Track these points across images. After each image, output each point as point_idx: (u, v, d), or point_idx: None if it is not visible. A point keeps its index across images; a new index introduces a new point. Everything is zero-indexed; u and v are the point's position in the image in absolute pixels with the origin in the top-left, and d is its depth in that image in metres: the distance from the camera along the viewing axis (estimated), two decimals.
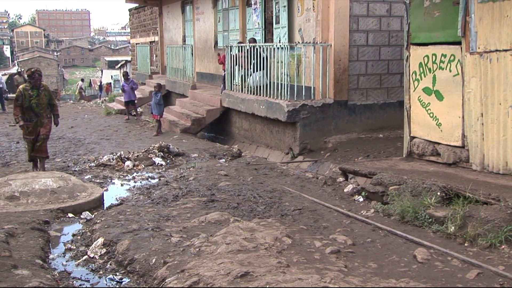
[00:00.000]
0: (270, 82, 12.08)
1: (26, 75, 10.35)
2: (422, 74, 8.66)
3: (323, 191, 8.32)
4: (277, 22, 13.89)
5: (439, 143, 8.43)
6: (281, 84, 11.64)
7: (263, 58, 12.55)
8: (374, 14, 11.83)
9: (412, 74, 8.90)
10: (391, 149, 10.22)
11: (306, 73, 11.68)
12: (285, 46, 11.72)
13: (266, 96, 12.15)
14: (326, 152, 10.96)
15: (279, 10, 13.69)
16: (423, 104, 8.66)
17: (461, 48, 7.90)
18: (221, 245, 5.58)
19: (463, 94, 7.91)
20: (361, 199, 7.77)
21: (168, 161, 11.34)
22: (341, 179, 8.82)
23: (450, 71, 8.11)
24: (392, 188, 7.29)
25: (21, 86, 9.99)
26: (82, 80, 51.28)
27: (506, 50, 7.23)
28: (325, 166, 9.94)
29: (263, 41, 14.72)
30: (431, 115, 8.51)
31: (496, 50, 7.36)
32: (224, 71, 16.16)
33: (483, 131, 7.64)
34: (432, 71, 8.46)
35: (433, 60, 8.41)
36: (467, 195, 6.51)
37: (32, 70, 9.99)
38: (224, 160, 11.60)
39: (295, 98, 11.44)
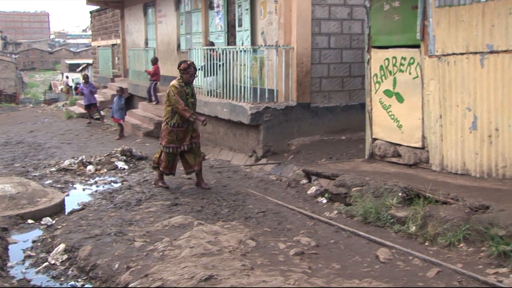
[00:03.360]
0: (233, 85, 12.08)
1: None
2: (383, 77, 8.79)
3: (287, 193, 8.36)
4: (240, 25, 13.90)
5: (400, 145, 8.57)
6: (244, 87, 11.65)
7: (219, 64, 12.59)
8: (335, 18, 11.95)
9: (373, 77, 9.03)
10: (353, 151, 10.34)
11: (269, 76, 11.72)
12: (248, 49, 11.74)
13: (229, 99, 12.14)
14: (289, 154, 11.02)
15: (241, 13, 13.71)
16: (384, 106, 8.80)
17: (420, 51, 8.05)
18: (185, 249, 5.56)
19: (423, 96, 8.07)
20: (325, 201, 7.84)
21: (131, 165, 11.23)
22: (304, 181, 8.88)
23: (410, 73, 8.26)
24: (355, 189, 7.38)
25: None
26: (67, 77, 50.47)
27: (462, 54, 7.41)
28: (289, 169, 9.99)
29: (226, 44, 14.71)
30: (392, 117, 8.65)
31: (453, 54, 7.53)
32: (152, 81, 16.34)
33: (442, 132, 7.80)
34: (392, 74, 8.59)
35: (394, 63, 8.55)
36: (427, 195, 6.64)
37: (188, 63, 8.69)
38: None
39: (258, 101, 11.46)
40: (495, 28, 6.98)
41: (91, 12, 32.18)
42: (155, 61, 17.46)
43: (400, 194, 6.82)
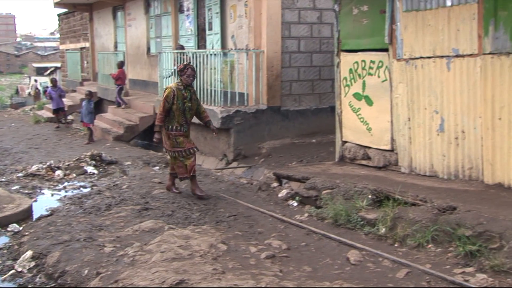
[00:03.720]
0: (203, 89, 12.06)
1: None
2: (353, 80, 8.88)
3: (258, 197, 8.36)
4: (210, 29, 13.89)
5: (369, 147, 8.66)
6: (215, 90, 11.65)
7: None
8: (305, 21, 12.03)
9: (342, 80, 9.11)
10: (323, 154, 10.40)
11: (239, 79, 11.74)
12: (218, 53, 11.74)
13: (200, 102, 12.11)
14: (260, 157, 11.04)
15: (211, 17, 13.71)
16: (354, 109, 8.88)
17: (389, 55, 8.16)
18: (155, 254, 5.52)
19: (391, 99, 8.17)
20: (295, 204, 7.86)
21: (101, 169, 11.10)
22: (275, 184, 8.90)
23: (379, 77, 8.35)
24: (325, 192, 7.43)
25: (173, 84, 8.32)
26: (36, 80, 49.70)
27: (429, 57, 7.53)
28: (259, 172, 10.01)
29: (196, 48, 14.69)
30: (362, 120, 8.74)
31: (421, 57, 7.65)
32: (117, 86, 16.45)
33: (411, 135, 7.91)
34: (361, 77, 8.69)
35: (363, 66, 8.65)
36: (397, 197, 6.71)
37: (185, 63, 8.45)
38: (158, 167, 11.46)
39: (229, 105, 11.47)
40: (460, 32, 7.12)
41: (59, 15, 31.77)
42: (120, 65, 17.28)
43: (370, 196, 6.89)
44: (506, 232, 5.29)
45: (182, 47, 14.09)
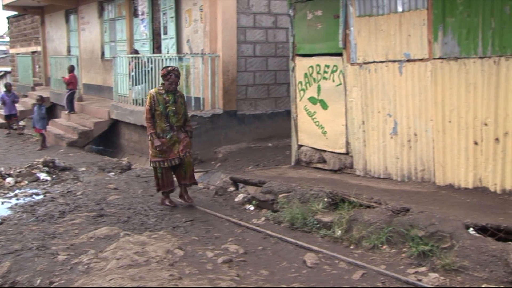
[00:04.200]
0: None
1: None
2: (308, 84, 8.96)
3: (215, 201, 8.34)
4: (165, 33, 13.81)
5: (325, 151, 8.75)
6: None
7: (146, 70, 12.47)
8: (260, 26, 12.09)
9: (298, 84, 9.18)
10: (280, 158, 10.46)
11: (195, 84, 11.70)
12: (174, 57, 11.68)
13: None
14: (216, 162, 11.02)
15: (167, 21, 13.63)
16: (309, 113, 8.97)
17: (343, 59, 8.27)
18: (111, 261, 5.44)
19: (346, 103, 8.28)
20: (252, 208, 7.87)
21: (54, 176, 10.88)
22: (232, 188, 8.89)
23: (334, 81, 8.46)
24: (282, 195, 7.46)
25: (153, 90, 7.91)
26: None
27: (382, 62, 7.68)
28: (216, 176, 9.98)
29: (151, 52, 14.57)
30: (317, 123, 8.83)
31: (374, 61, 7.78)
32: (69, 90, 16.01)
33: (365, 138, 8.03)
34: (316, 81, 8.78)
35: (317, 70, 8.74)
36: (352, 199, 6.80)
37: (168, 69, 7.80)
38: (113, 173, 11.32)
39: None
40: (411, 37, 7.28)
41: (8, 18, 30.97)
42: (71, 70, 16.99)
43: (325, 199, 6.95)
44: (456, 231, 5.43)
45: (136, 52, 13.97)
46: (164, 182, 7.88)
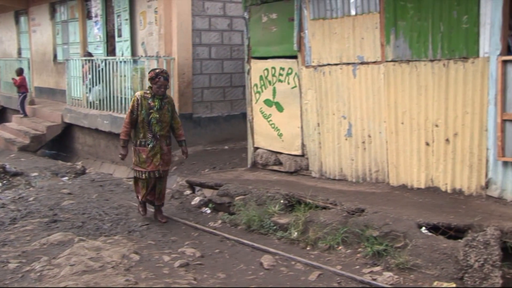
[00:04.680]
0: (113, 96, 11.81)
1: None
2: (263, 87, 9.00)
3: (171, 205, 8.28)
4: (120, 36, 13.64)
5: (281, 153, 8.80)
6: (126, 98, 11.44)
7: (100, 71, 12.31)
8: (216, 29, 12.08)
9: (253, 87, 9.21)
10: (236, 160, 10.47)
11: None
12: (128, 60, 11.55)
13: (110, 110, 11.87)
14: (172, 165, 10.92)
15: (121, 23, 13.47)
16: (265, 115, 9.00)
17: (298, 61, 8.34)
18: (64, 267, 5.33)
19: (301, 105, 8.35)
20: (209, 211, 7.85)
21: (5, 181, 10.59)
22: (188, 192, 8.84)
23: (289, 83, 8.52)
24: (238, 198, 7.47)
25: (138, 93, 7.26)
26: None
27: (336, 64, 7.77)
28: (172, 180, 9.91)
29: (106, 55, 14.37)
30: (273, 126, 8.87)
31: (328, 64, 7.88)
32: (21, 93, 15.91)
33: (320, 140, 8.12)
34: (272, 84, 8.82)
35: (273, 73, 8.79)
36: (308, 201, 6.86)
37: (157, 71, 7.18)
38: (67, 178, 11.10)
39: None
40: (364, 40, 7.40)
41: None
42: (20, 72, 16.59)
43: (282, 201, 6.99)
44: (409, 231, 5.55)
45: (90, 54, 13.76)
46: (141, 192, 7.38)
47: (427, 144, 6.88)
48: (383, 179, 7.43)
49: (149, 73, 7.22)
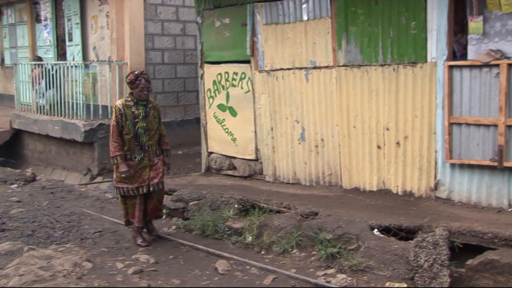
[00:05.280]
0: (64, 102, 11.60)
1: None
2: (217, 92, 8.99)
3: None
4: (70, 40, 13.39)
5: (235, 157, 8.80)
6: (77, 103, 11.25)
7: (51, 76, 12.06)
8: (169, 33, 12.02)
9: (207, 92, 9.19)
10: (190, 165, 10.42)
11: (102, 92, 11.42)
12: (80, 65, 11.36)
13: (61, 116, 11.64)
14: None
15: (72, 27, 13.23)
16: (219, 120, 9.00)
17: (251, 66, 8.37)
18: (13, 278, 5.19)
19: (255, 110, 8.38)
20: (163, 216, 7.78)
21: None
22: None
23: (242, 88, 8.54)
24: (192, 203, 7.44)
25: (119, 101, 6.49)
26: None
27: (289, 69, 7.84)
28: None
29: (56, 59, 14.09)
30: (226, 130, 8.87)
31: (281, 69, 7.94)
32: None
33: (274, 144, 8.16)
34: (225, 89, 8.83)
35: (226, 78, 8.79)
36: (262, 205, 6.89)
37: (136, 73, 6.48)
38: (16, 185, 10.80)
39: (92, 118, 11.13)
40: (316, 45, 7.49)
41: None
42: None
43: (236, 206, 7.00)
44: (362, 233, 5.64)
45: (40, 59, 13.46)
46: (132, 212, 6.53)
47: (379, 147, 7.01)
48: (336, 182, 7.53)
49: (127, 76, 6.49)
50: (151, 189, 6.49)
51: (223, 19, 8.77)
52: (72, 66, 11.56)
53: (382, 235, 5.69)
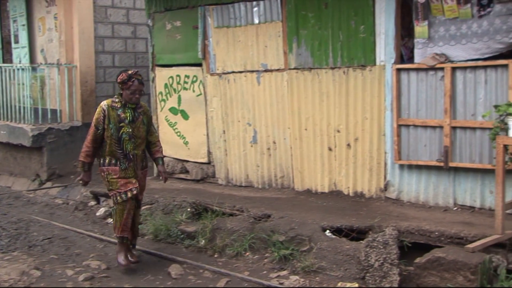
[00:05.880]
0: (11, 106, 11.29)
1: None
2: (168, 95, 8.93)
3: (75, 217, 8.03)
4: (17, 42, 13.05)
5: (187, 161, 8.76)
6: (24, 107, 10.97)
7: None
8: (119, 36, 11.86)
9: (158, 95, 9.12)
10: None
11: (51, 96, 11.17)
12: (27, 67, 11.08)
13: (8, 120, 11.33)
14: (76, 176, 10.57)
15: (18, 29, 12.89)
16: (170, 123, 8.94)
17: (202, 69, 8.36)
18: None
19: (207, 113, 8.37)
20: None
21: None
22: (93, 203, 8.60)
23: (194, 91, 8.51)
24: (144, 208, 7.35)
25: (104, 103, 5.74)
26: None
27: (241, 72, 7.87)
28: (76, 191, 9.59)
29: (1, 62, 13.71)
30: (178, 134, 8.82)
31: (233, 72, 7.95)
32: None
33: (226, 147, 8.16)
34: (177, 92, 8.78)
35: (178, 81, 8.74)
36: (215, 208, 6.88)
37: (129, 72, 5.70)
38: None
39: (40, 122, 10.86)
40: (268, 48, 7.54)
41: None
42: None
43: (189, 209, 6.97)
44: (314, 234, 5.71)
45: None
46: (123, 222, 5.71)
47: (330, 149, 7.10)
48: (288, 185, 7.59)
49: (118, 75, 5.68)
50: (135, 191, 5.71)
51: (174, 22, 8.72)
52: (18, 69, 11.26)
53: (334, 236, 5.77)
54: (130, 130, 5.64)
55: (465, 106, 6.04)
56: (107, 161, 5.70)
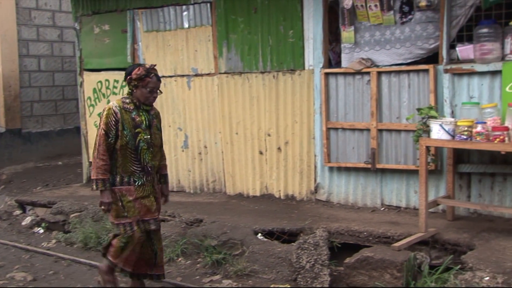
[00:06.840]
0: None
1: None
2: (97, 100, 8.75)
3: None
4: None
5: None
6: None
7: None
8: (45, 39, 11.52)
9: (87, 100, 8.92)
10: (71, 176, 10.04)
11: None
12: None
13: None
14: (0, 184, 10.22)
15: None
16: None
17: None
18: None
19: None
20: (42, 231, 7.45)
21: None
22: (18, 212, 8.29)
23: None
24: (74, 215, 7.18)
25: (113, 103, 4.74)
26: None
27: (171, 76, 7.81)
28: (0, 200, 9.25)
29: None
30: None
31: (163, 76, 7.82)
32: None
33: None
34: (106, 97, 8.61)
35: (107, 85, 8.58)
36: None
37: (147, 67, 4.69)
38: None
39: None
40: (198, 52, 7.53)
41: None
42: None
43: None
44: (246, 238, 5.74)
45: None
46: (128, 256, 4.72)
47: (261, 153, 7.16)
48: (220, 189, 7.59)
49: (134, 70, 4.64)
50: (153, 227, 4.74)
51: (102, 25, 8.55)
52: None
53: (266, 239, 5.82)
54: (148, 136, 4.70)
55: (390, 109, 6.25)
56: (118, 179, 4.65)
